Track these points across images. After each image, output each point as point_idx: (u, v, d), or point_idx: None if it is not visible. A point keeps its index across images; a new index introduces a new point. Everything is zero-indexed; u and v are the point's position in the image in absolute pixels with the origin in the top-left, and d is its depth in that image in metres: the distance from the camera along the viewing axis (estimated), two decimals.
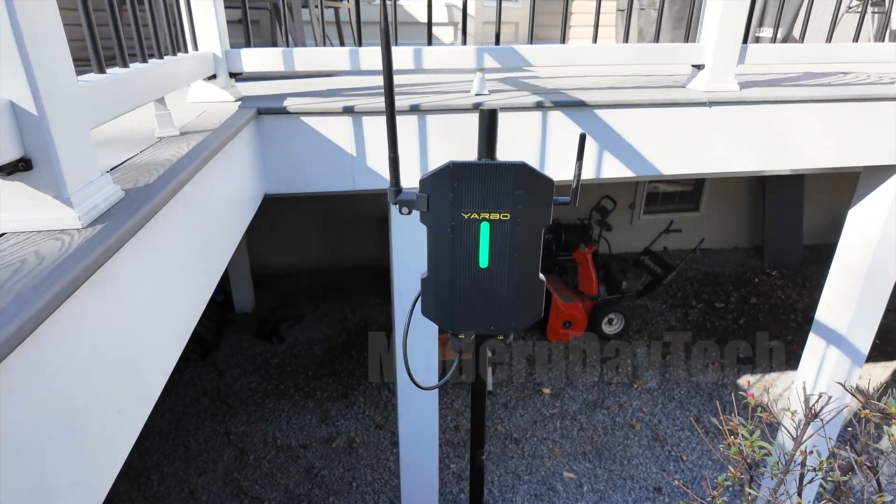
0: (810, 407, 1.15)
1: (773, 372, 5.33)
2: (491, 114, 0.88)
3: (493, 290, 0.94)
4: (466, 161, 0.87)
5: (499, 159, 0.90)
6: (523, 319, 0.97)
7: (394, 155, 0.92)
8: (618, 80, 2.69)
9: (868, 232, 2.70)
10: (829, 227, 7.91)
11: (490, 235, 0.90)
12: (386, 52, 0.80)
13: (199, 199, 1.26)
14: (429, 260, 0.94)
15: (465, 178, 0.87)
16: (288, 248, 6.83)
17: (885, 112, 2.35)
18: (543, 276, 0.95)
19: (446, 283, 0.94)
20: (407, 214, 0.92)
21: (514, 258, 0.92)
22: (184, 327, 1.14)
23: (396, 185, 0.93)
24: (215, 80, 1.97)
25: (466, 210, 0.89)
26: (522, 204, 0.88)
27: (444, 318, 0.97)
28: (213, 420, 4.62)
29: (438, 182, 0.88)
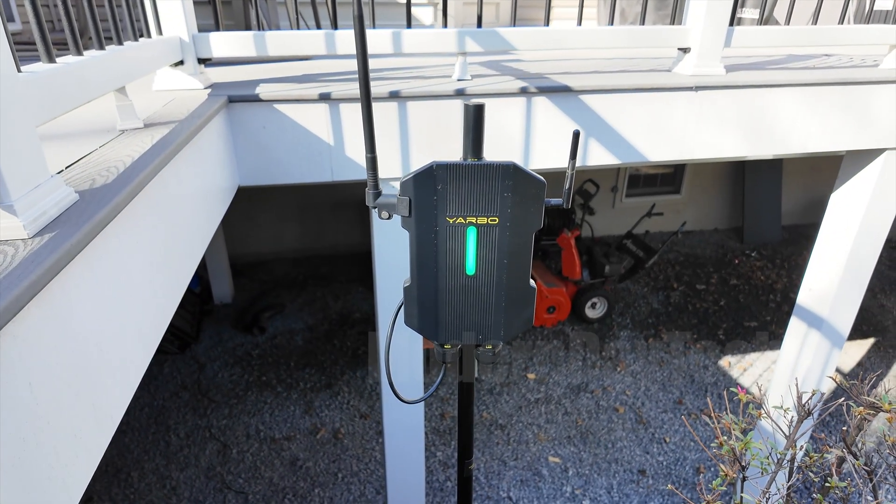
0: (803, 405, 1.13)
1: (753, 352, 5.41)
2: (477, 109, 0.82)
3: (481, 299, 0.88)
4: (451, 161, 0.80)
5: (486, 158, 0.83)
6: (513, 328, 0.92)
7: (371, 155, 0.85)
8: (602, 64, 2.63)
9: (850, 215, 2.71)
10: (807, 208, 8.03)
11: (477, 241, 0.84)
12: (360, 42, 0.73)
13: (165, 197, 1.18)
14: (411, 267, 0.88)
15: (450, 180, 0.81)
16: (266, 237, 6.70)
17: (869, 96, 2.34)
18: (533, 281, 0.90)
19: (431, 292, 0.88)
20: (387, 219, 0.86)
21: (504, 264, 0.86)
22: (150, 336, 1.07)
23: (375, 188, 0.86)
24: (182, 67, 1.86)
25: (451, 214, 0.83)
26: (512, 207, 0.82)
27: (428, 328, 0.91)
28: (193, 414, 4.54)
29: (420, 184, 0.81)
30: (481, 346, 0.95)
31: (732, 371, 5.17)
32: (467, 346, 0.94)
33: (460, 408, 1.07)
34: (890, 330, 5.77)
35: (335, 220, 6.82)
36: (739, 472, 1.06)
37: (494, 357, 0.95)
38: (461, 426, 1.09)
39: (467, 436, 1.07)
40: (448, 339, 0.92)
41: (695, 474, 4.11)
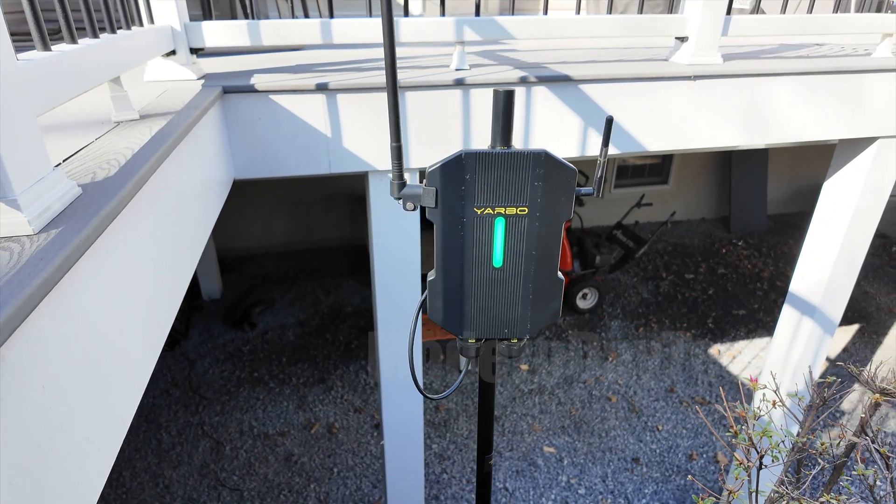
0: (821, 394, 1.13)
1: (741, 340, 5.49)
2: (507, 95, 0.79)
3: (508, 292, 0.86)
4: (480, 150, 0.78)
5: (515, 147, 0.81)
6: (540, 321, 0.90)
7: (397, 144, 0.82)
8: (598, 54, 2.61)
9: (843, 203, 2.73)
10: (792, 197, 8.13)
11: (505, 232, 0.82)
12: (388, 29, 0.70)
13: (166, 190, 1.14)
14: (436, 260, 0.85)
15: (479, 169, 0.78)
16: (255, 231, 6.62)
17: (862, 84, 2.35)
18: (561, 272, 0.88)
19: (456, 286, 0.85)
20: (412, 210, 0.83)
21: (532, 256, 0.84)
22: (156, 334, 1.04)
23: (400, 178, 0.84)
24: (175, 57, 1.80)
25: (479, 205, 0.80)
26: (542, 196, 0.80)
27: (452, 322, 0.89)
28: (185, 411, 4.48)
29: (448, 174, 0.78)
30: (506, 341, 0.93)
31: (722, 359, 5.24)
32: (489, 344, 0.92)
33: (481, 405, 1.06)
34: (874, 316, 5.88)
35: (325, 214, 6.76)
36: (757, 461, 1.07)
37: (519, 351, 0.94)
38: (482, 423, 1.07)
39: (488, 432, 1.06)
40: (472, 333, 0.90)
41: (687, 461, 4.16)
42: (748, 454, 1.10)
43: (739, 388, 4.87)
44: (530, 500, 3.84)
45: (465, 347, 0.92)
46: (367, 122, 1.96)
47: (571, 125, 2.14)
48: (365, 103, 1.93)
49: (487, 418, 1.06)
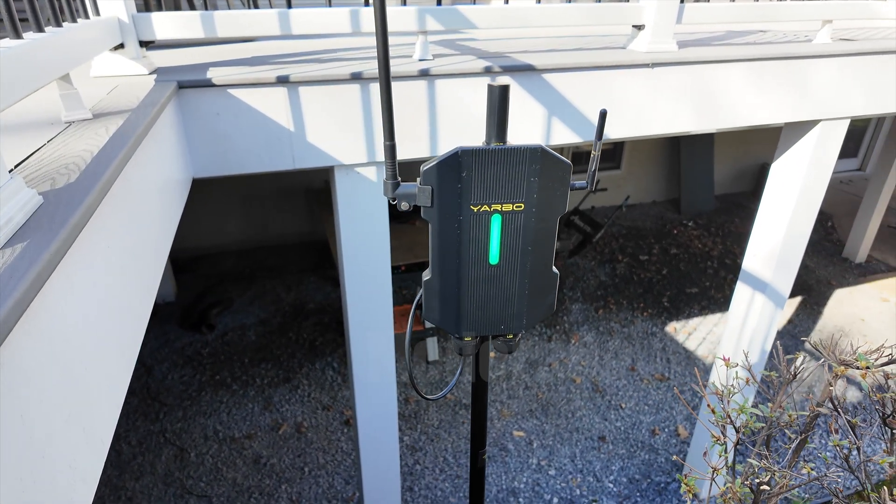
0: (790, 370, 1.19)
1: (695, 317, 5.72)
2: (503, 90, 0.78)
3: (504, 288, 0.86)
4: (476, 147, 0.76)
5: (510, 142, 0.80)
6: (536, 316, 0.91)
7: (391, 143, 0.80)
8: (558, 42, 2.63)
9: (789, 183, 2.87)
10: (736, 177, 8.50)
11: (502, 229, 0.81)
12: (381, 24, 0.67)
13: (129, 194, 1.08)
14: (432, 260, 0.84)
15: (475, 167, 0.77)
16: (207, 229, 6.39)
17: (805, 69, 2.47)
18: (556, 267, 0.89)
19: (452, 284, 0.84)
20: (407, 209, 0.81)
21: (528, 251, 0.84)
22: (130, 347, 0.98)
23: (394, 178, 0.81)
24: (123, 51, 1.70)
25: (476, 202, 0.79)
26: (538, 192, 0.80)
27: (448, 321, 0.88)
28: (144, 420, 4.31)
29: (444, 172, 0.77)
30: (502, 337, 0.93)
31: (678, 336, 5.45)
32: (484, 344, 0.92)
33: (474, 401, 1.05)
34: (814, 288, 6.24)
35: (280, 209, 6.59)
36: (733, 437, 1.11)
37: (515, 346, 0.94)
38: (475, 419, 1.07)
39: (481, 427, 1.06)
40: (469, 331, 0.89)
41: (651, 436, 4.32)
42: (724, 431, 1.15)
43: (696, 362, 5.08)
44: (503, 484, 3.90)
45: (463, 346, 0.91)
46: (331, 114, 1.91)
47: (536, 114, 2.15)
48: (328, 96, 1.88)
49: (481, 414, 1.06)
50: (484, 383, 1.03)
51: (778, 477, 1.00)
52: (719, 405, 1.16)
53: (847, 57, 2.49)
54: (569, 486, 3.91)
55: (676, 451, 4.19)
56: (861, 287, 6.29)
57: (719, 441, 1.13)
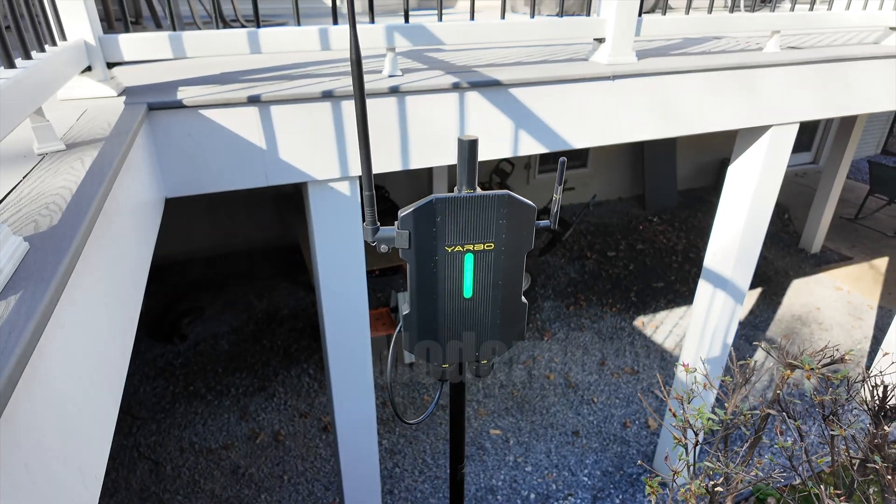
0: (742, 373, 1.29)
1: (662, 311, 5.91)
2: (472, 144, 0.84)
3: (478, 319, 0.92)
4: (449, 195, 0.82)
5: (479, 190, 0.86)
6: (508, 342, 0.97)
7: (369, 193, 0.85)
8: (523, 53, 2.70)
9: (745, 185, 3.01)
10: (697, 173, 8.77)
11: (474, 266, 0.88)
12: (359, 97, 0.72)
13: (109, 229, 1.09)
14: (410, 296, 0.89)
15: (448, 213, 0.83)
16: (175, 237, 6.27)
17: (757, 78, 2.60)
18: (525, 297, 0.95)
19: (430, 317, 0.90)
20: (386, 252, 0.86)
21: (499, 285, 0.90)
22: (117, 381, 1.01)
23: (374, 223, 0.86)
24: (90, 73, 1.69)
25: (450, 243, 0.85)
26: (506, 233, 0.86)
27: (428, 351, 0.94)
28: (117, 434, 4.23)
29: (420, 218, 0.82)
30: (478, 362, 0.99)
31: (646, 330, 5.62)
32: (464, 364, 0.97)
33: (452, 419, 1.11)
34: (773, 279, 6.51)
35: (249, 215, 6.52)
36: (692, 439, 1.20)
37: (488, 371, 1.00)
38: (453, 435, 1.13)
39: (459, 443, 1.12)
40: (448, 360, 0.94)
41: (622, 429, 4.46)
42: (685, 433, 1.23)
43: (663, 355, 5.26)
44: (481, 482, 3.99)
45: (441, 372, 0.97)
46: (303, 132, 1.94)
47: (503, 126, 2.21)
48: (300, 113, 1.90)
49: (459, 431, 1.12)
50: (461, 403, 1.09)
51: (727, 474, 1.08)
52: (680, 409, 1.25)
53: (795, 66, 2.63)
54: (545, 482, 4.01)
55: (647, 442, 4.34)
56: (817, 276, 6.59)
57: (681, 442, 1.21)
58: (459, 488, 1.16)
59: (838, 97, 2.87)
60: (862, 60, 2.79)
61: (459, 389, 1.07)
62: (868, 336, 5.59)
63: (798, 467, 1.14)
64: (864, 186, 8.44)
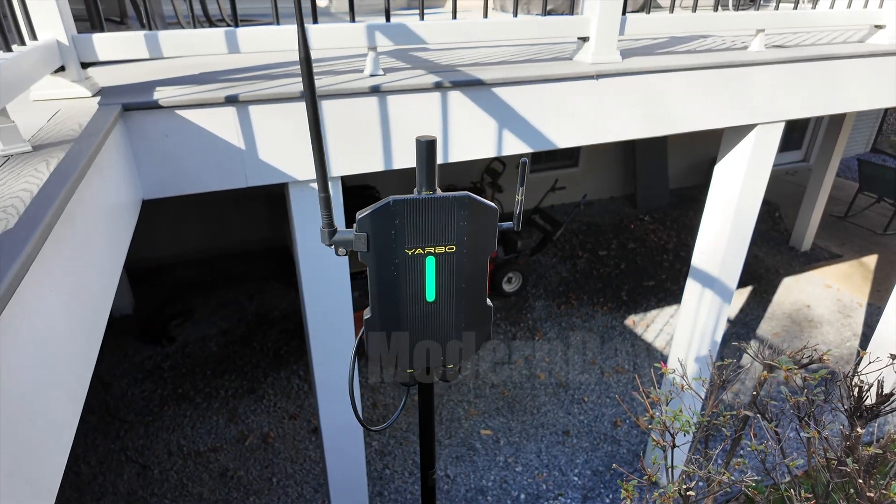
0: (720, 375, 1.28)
1: (653, 309, 5.91)
2: (430, 145, 0.82)
3: (442, 323, 0.91)
4: (408, 197, 0.81)
5: (440, 191, 0.84)
6: (472, 346, 0.96)
7: (325, 195, 0.83)
8: (508, 52, 2.69)
9: (731, 184, 3.01)
10: (688, 171, 8.79)
11: (436, 269, 0.86)
12: (309, 85, 0.70)
13: (72, 232, 1.07)
14: (371, 300, 0.88)
15: (407, 214, 0.81)
16: (165, 239, 6.23)
17: (742, 77, 2.59)
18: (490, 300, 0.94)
19: (393, 322, 0.88)
20: (345, 255, 0.84)
21: (462, 288, 0.89)
22: (78, 388, 0.98)
23: (330, 226, 0.85)
24: (64, 73, 1.67)
25: (410, 246, 0.83)
26: (468, 235, 0.85)
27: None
28: (104, 438, 4.20)
29: (378, 220, 0.81)
30: (444, 367, 0.98)
31: (637, 328, 5.63)
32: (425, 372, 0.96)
33: (422, 425, 1.09)
34: (763, 277, 6.53)
35: (240, 216, 6.49)
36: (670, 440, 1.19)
37: (454, 376, 0.99)
38: (423, 441, 1.11)
39: (430, 449, 1.10)
40: (412, 365, 0.93)
41: (613, 428, 4.46)
42: (663, 435, 1.22)
43: (652, 355, 5.26)
44: (471, 483, 3.97)
45: (403, 377, 0.95)
46: (283, 132, 1.92)
47: (487, 126, 2.20)
48: (279, 113, 1.88)
49: (429, 437, 1.11)
50: (430, 408, 1.07)
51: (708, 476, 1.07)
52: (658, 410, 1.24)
53: (779, 64, 2.63)
54: (535, 482, 4.00)
55: (638, 441, 4.34)
56: (807, 274, 6.61)
57: (659, 444, 1.20)
58: (431, 495, 1.15)
59: (824, 96, 2.87)
60: (847, 59, 2.80)
61: (428, 394, 1.05)
62: (857, 333, 5.61)
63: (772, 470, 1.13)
64: (853, 184, 8.49)
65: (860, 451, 1.02)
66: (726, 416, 1.25)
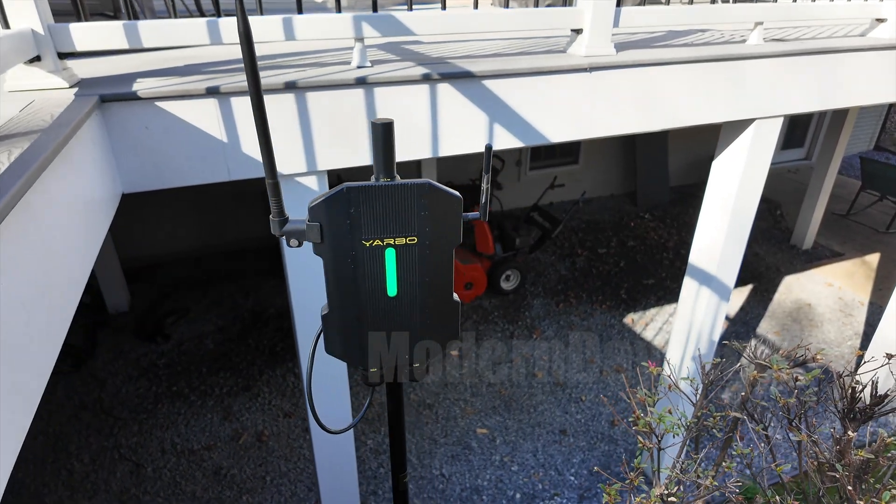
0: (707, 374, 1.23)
1: (652, 308, 5.86)
2: (386, 127, 0.77)
3: (406, 319, 0.86)
4: (363, 183, 0.76)
5: (399, 179, 0.80)
6: (440, 343, 0.91)
7: (273, 181, 0.79)
8: (501, 45, 2.64)
9: (729, 180, 2.96)
10: (689, 169, 8.72)
11: (397, 262, 0.81)
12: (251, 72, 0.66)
13: (32, 225, 1.03)
14: (329, 294, 0.83)
15: (363, 203, 0.76)
16: (160, 236, 6.21)
17: (739, 70, 2.54)
18: (456, 294, 0.89)
19: (352, 318, 0.84)
20: (297, 247, 0.80)
21: (426, 283, 0.84)
22: (32, 386, 0.95)
23: (281, 215, 0.80)
24: (40, 64, 1.63)
25: (367, 237, 0.79)
26: (430, 225, 0.80)
27: (353, 354, 0.88)
28: (98, 435, 4.17)
29: (332, 209, 0.76)
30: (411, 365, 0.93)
31: (636, 327, 5.57)
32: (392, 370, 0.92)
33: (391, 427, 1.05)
34: (764, 275, 6.47)
35: (236, 213, 6.45)
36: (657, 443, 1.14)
37: (422, 374, 0.94)
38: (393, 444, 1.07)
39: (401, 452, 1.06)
40: (375, 363, 0.89)
41: (610, 427, 4.41)
42: (649, 437, 1.18)
43: (651, 353, 5.21)
44: (466, 482, 3.94)
45: (369, 376, 0.91)
46: None
47: (478, 120, 2.16)
48: None
49: (399, 439, 1.06)
50: (399, 408, 1.03)
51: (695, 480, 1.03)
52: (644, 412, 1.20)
53: (778, 58, 2.57)
54: (531, 482, 3.96)
55: (634, 441, 4.29)
56: (808, 273, 6.55)
57: (646, 446, 1.16)
58: (403, 498, 1.11)
59: (824, 90, 2.82)
60: (848, 52, 2.74)
61: (396, 394, 1.01)
62: (859, 333, 5.55)
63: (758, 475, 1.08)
64: (855, 182, 8.41)
65: (851, 455, 0.98)
66: (716, 418, 1.21)
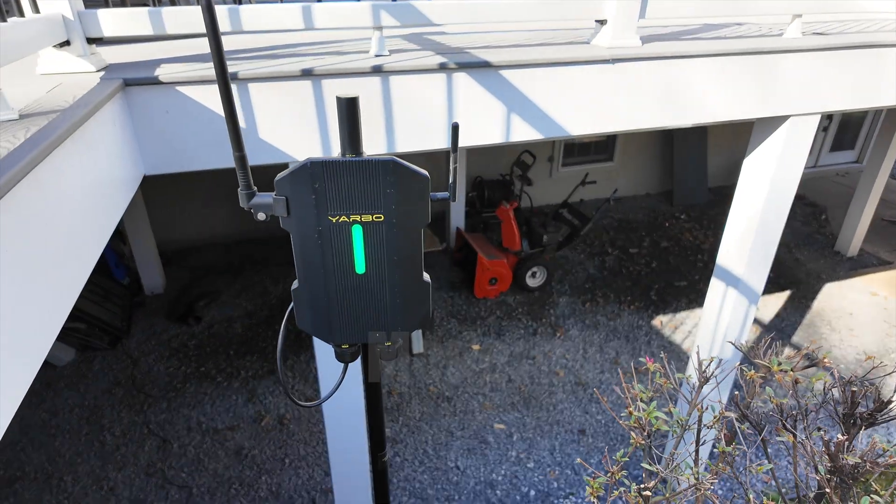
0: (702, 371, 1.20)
1: (683, 311, 5.71)
2: (350, 102, 0.78)
3: (375, 297, 0.87)
4: (327, 158, 0.77)
5: (366, 155, 0.80)
6: (410, 323, 0.91)
7: (240, 154, 0.80)
8: (524, 37, 2.61)
9: (760, 179, 2.85)
10: (730, 169, 8.44)
11: (364, 239, 0.82)
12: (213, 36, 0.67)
13: (41, 199, 1.08)
14: (297, 269, 0.84)
15: (328, 178, 0.77)
16: (195, 221, 6.41)
17: (774, 65, 2.44)
18: (428, 275, 0.89)
19: (321, 293, 0.85)
20: (265, 220, 0.81)
21: (394, 261, 0.84)
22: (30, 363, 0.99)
23: (248, 188, 0.82)
24: (69, 48, 1.70)
25: (333, 213, 0.80)
26: (396, 204, 0.80)
27: (321, 329, 0.89)
28: (129, 411, 4.36)
29: (297, 183, 0.77)
30: (379, 345, 0.94)
31: (664, 330, 5.45)
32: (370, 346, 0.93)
33: (368, 405, 1.06)
34: (804, 282, 6.21)
35: None
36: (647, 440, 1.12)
37: (393, 354, 0.95)
38: (371, 422, 1.08)
39: (379, 430, 1.07)
40: (343, 340, 0.90)
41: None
42: (640, 434, 1.16)
43: (679, 356, 5.08)
44: (481, 476, 3.93)
45: (340, 353, 0.92)
46: (283, 111, 1.91)
47: (495, 111, 2.14)
48: (279, 92, 1.88)
49: (377, 418, 1.07)
50: (376, 386, 1.04)
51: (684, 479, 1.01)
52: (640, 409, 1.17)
53: (816, 52, 2.46)
54: (546, 479, 3.93)
55: (656, 444, 4.20)
56: (851, 281, 6.26)
57: (638, 443, 1.14)
58: (382, 478, 1.12)
59: (866, 87, 2.67)
60: (892, 47, 2.59)
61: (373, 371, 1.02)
62: None
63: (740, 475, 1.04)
64: None
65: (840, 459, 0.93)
66: (717, 417, 1.17)
